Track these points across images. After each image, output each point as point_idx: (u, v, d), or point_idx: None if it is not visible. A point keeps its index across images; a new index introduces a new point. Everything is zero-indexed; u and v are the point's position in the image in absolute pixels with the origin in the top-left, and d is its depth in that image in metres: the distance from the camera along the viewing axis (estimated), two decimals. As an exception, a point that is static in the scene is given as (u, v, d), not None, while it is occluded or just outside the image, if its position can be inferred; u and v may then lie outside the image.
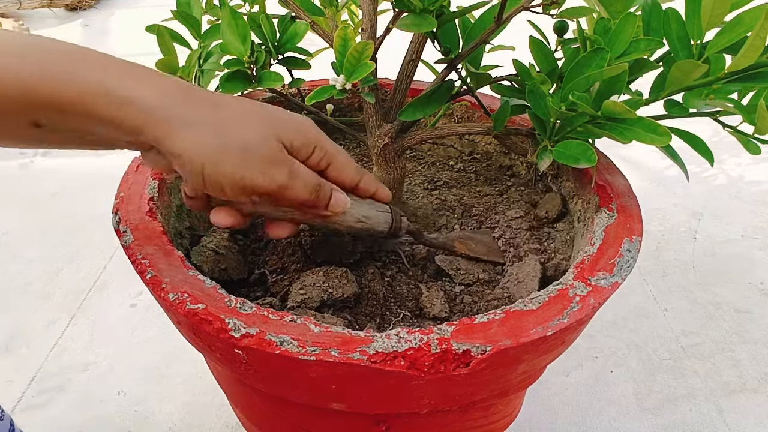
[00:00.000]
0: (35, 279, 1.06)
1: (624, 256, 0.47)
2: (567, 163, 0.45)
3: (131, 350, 0.93)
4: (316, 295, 0.50)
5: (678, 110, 0.46)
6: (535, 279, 0.53)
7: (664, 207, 1.30)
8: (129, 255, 0.47)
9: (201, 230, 0.59)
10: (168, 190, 0.57)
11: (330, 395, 0.43)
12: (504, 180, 0.71)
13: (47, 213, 1.24)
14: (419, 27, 0.46)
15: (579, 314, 0.42)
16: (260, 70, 0.52)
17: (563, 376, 0.91)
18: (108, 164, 1.40)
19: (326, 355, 0.38)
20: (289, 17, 0.57)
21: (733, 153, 1.48)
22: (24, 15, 2.28)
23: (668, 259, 1.15)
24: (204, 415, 0.83)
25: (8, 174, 1.36)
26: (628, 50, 0.45)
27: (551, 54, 0.49)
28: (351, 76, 0.46)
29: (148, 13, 2.29)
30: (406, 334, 0.40)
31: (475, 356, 0.39)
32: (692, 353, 0.95)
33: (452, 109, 0.75)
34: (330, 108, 0.67)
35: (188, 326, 0.43)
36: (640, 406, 0.87)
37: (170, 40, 0.54)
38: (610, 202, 0.53)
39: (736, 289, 1.08)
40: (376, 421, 0.51)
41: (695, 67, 0.40)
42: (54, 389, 0.86)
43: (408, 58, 0.54)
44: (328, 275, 0.51)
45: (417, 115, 0.53)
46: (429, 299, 0.52)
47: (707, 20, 0.40)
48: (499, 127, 0.52)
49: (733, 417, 0.85)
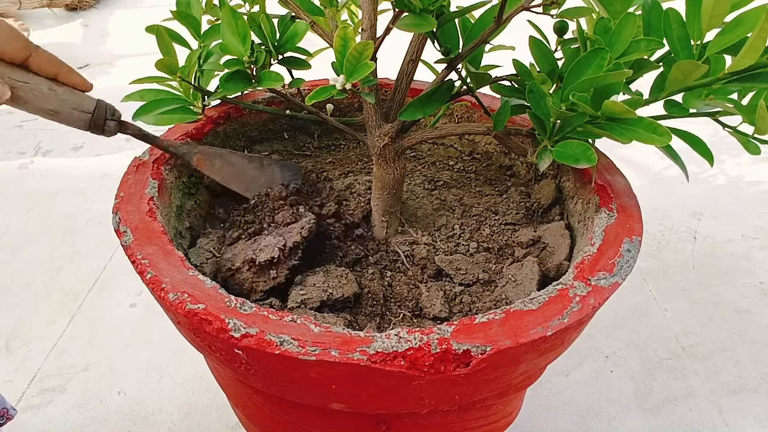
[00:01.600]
0: (35, 279, 1.06)
1: (624, 256, 0.47)
2: (567, 163, 0.45)
3: (131, 350, 0.93)
4: (316, 296, 0.50)
5: (678, 110, 0.46)
6: (533, 281, 0.53)
7: (664, 207, 1.30)
8: (129, 255, 0.47)
9: (200, 230, 0.59)
10: (168, 190, 0.57)
11: (330, 395, 0.43)
12: (504, 180, 0.71)
13: (47, 213, 1.24)
14: (419, 27, 0.46)
15: (579, 314, 0.42)
16: (260, 70, 0.52)
17: (563, 376, 0.91)
18: (108, 164, 1.41)
19: (326, 355, 0.38)
20: (289, 17, 0.57)
21: (733, 153, 1.48)
22: (24, 15, 2.28)
23: (668, 259, 1.15)
24: (204, 415, 0.83)
25: (8, 174, 1.36)
26: (628, 50, 0.45)
27: (551, 54, 0.49)
28: (351, 76, 0.46)
29: (148, 13, 2.30)
30: (406, 334, 0.40)
31: (475, 356, 0.39)
32: (692, 353, 0.95)
33: (452, 109, 0.75)
34: (330, 108, 0.67)
35: (188, 326, 0.43)
36: (640, 406, 0.87)
37: (170, 40, 0.54)
38: (610, 202, 0.53)
39: (736, 289, 1.08)
40: (376, 421, 0.51)
41: (695, 68, 0.40)
42: (54, 389, 0.86)
43: (408, 58, 0.54)
44: (328, 275, 0.51)
45: (417, 115, 0.53)
46: (429, 299, 0.52)
47: (707, 21, 0.40)
48: (499, 127, 0.52)
49: (733, 417, 0.85)
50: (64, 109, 0.48)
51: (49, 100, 0.47)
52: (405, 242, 0.60)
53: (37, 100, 0.46)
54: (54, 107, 0.47)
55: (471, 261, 0.57)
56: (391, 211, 0.60)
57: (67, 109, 0.48)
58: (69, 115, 0.48)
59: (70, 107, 0.48)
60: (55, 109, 0.47)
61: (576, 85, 0.43)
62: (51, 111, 0.47)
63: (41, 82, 0.46)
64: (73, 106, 0.48)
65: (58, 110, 0.47)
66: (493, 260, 0.58)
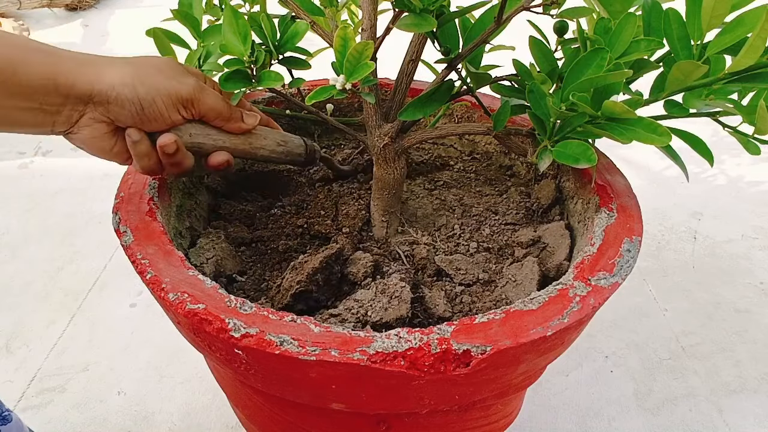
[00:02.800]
0: (35, 279, 1.06)
1: (624, 256, 0.47)
2: (567, 163, 0.45)
3: (131, 350, 0.93)
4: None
5: (678, 110, 0.46)
6: (533, 281, 0.53)
7: (664, 207, 1.30)
8: (129, 255, 0.47)
9: (200, 230, 0.59)
10: (168, 190, 0.57)
11: (330, 395, 0.43)
12: (504, 180, 0.71)
13: (47, 213, 1.24)
14: (419, 27, 0.46)
15: (579, 314, 0.42)
16: (260, 70, 0.52)
17: (563, 376, 0.91)
18: (108, 164, 1.40)
19: (326, 355, 0.38)
20: (289, 17, 0.57)
21: (733, 153, 1.48)
22: (24, 15, 2.27)
23: (668, 259, 1.16)
24: (204, 415, 0.83)
25: (8, 174, 1.36)
26: (628, 50, 0.45)
27: (551, 54, 0.49)
28: (351, 76, 0.45)
29: (148, 13, 2.30)
30: (406, 334, 0.40)
31: (475, 356, 0.39)
32: (692, 353, 0.95)
33: (452, 109, 0.75)
34: (330, 108, 0.67)
35: (188, 326, 0.43)
36: (640, 406, 0.87)
37: (167, 42, 0.54)
38: (610, 202, 0.53)
39: (736, 289, 1.08)
40: (376, 421, 0.51)
41: (695, 68, 0.40)
42: (54, 389, 0.86)
43: (408, 58, 0.54)
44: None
45: (417, 115, 0.53)
46: (432, 300, 0.52)
47: (708, 21, 0.40)
48: (499, 127, 0.52)
49: (733, 417, 0.85)
50: (288, 138, 0.56)
51: (276, 134, 0.55)
52: (405, 242, 0.60)
53: (271, 135, 0.55)
54: (283, 138, 0.55)
55: (471, 261, 0.57)
56: (391, 211, 0.60)
57: (289, 138, 0.56)
58: (293, 142, 0.56)
59: (288, 137, 0.56)
60: (284, 139, 0.55)
61: (576, 85, 0.43)
62: (282, 141, 0.55)
63: (258, 127, 0.55)
64: (288, 137, 0.56)
65: (286, 140, 0.55)
66: (493, 260, 0.58)
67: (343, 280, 0.54)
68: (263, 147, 0.54)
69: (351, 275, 0.54)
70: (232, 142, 0.52)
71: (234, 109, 0.51)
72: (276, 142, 0.55)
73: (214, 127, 0.51)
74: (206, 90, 0.49)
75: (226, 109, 0.50)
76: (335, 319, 0.48)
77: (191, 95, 0.47)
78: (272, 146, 0.54)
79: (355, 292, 0.51)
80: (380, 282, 0.51)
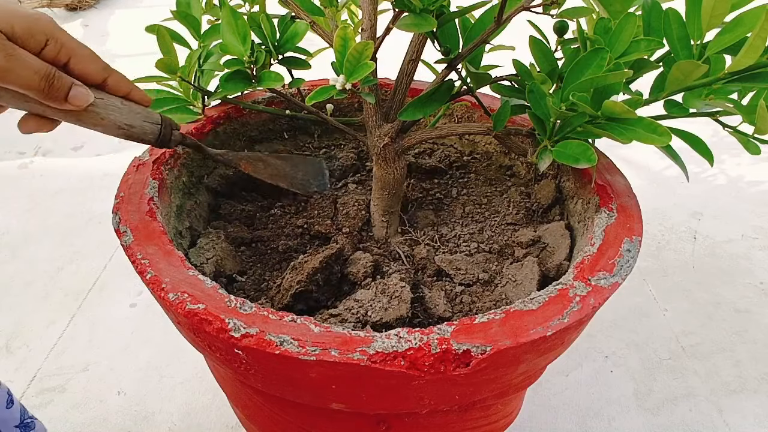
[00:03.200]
0: (35, 279, 1.06)
1: (624, 256, 0.47)
2: (567, 163, 0.45)
3: (131, 350, 0.93)
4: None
5: (678, 110, 0.46)
6: (534, 281, 0.53)
7: (664, 207, 1.30)
8: (129, 255, 0.47)
9: (200, 230, 0.59)
10: (168, 190, 0.57)
11: (330, 395, 0.43)
12: (504, 180, 0.71)
13: (47, 213, 1.24)
14: (419, 27, 0.46)
15: (579, 314, 0.42)
16: (260, 70, 0.52)
17: (563, 376, 0.91)
18: (108, 164, 1.41)
19: (326, 355, 0.38)
20: (289, 17, 0.57)
21: (733, 153, 1.48)
22: (24, 15, 2.27)
23: (668, 259, 1.15)
24: (204, 415, 0.83)
25: (8, 174, 1.36)
26: (628, 50, 0.45)
27: (551, 54, 0.49)
28: (351, 76, 0.46)
29: (148, 13, 2.30)
30: (406, 334, 0.40)
31: (475, 356, 0.39)
32: (692, 353, 0.95)
33: (452, 109, 0.75)
34: (330, 108, 0.67)
35: (188, 326, 0.43)
36: (640, 405, 0.87)
37: (170, 40, 0.54)
38: (610, 202, 0.53)
39: (736, 289, 1.08)
40: (376, 421, 0.51)
41: (695, 68, 0.40)
42: (54, 389, 0.86)
43: (408, 58, 0.54)
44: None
45: (417, 115, 0.53)
46: (432, 300, 0.52)
47: (707, 21, 0.40)
48: (499, 127, 0.52)
49: (733, 417, 0.85)
50: (137, 122, 0.49)
51: (124, 114, 0.49)
52: (405, 242, 0.60)
53: (113, 114, 0.48)
54: (129, 121, 0.49)
55: (471, 261, 0.57)
56: (391, 211, 0.60)
57: (140, 122, 0.49)
58: (141, 128, 0.50)
59: (142, 120, 0.49)
60: (131, 123, 0.49)
61: (576, 85, 0.43)
62: (126, 125, 0.49)
63: (115, 99, 0.48)
64: (144, 119, 0.49)
65: (133, 124, 0.49)
66: (493, 260, 0.58)
67: (343, 280, 0.54)
68: (99, 125, 0.47)
69: (351, 275, 0.54)
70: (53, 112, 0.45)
71: (56, 87, 0.42)
72: (116, 125, 0.48)
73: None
74: (16, 63, 0.40)
75: (43, 86, 0.41)
76: (335, 319, 0.48)
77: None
78: (110, 127, 0.48)
79: (355, 292, 0.51)
80: (380, 282, 0.51)
